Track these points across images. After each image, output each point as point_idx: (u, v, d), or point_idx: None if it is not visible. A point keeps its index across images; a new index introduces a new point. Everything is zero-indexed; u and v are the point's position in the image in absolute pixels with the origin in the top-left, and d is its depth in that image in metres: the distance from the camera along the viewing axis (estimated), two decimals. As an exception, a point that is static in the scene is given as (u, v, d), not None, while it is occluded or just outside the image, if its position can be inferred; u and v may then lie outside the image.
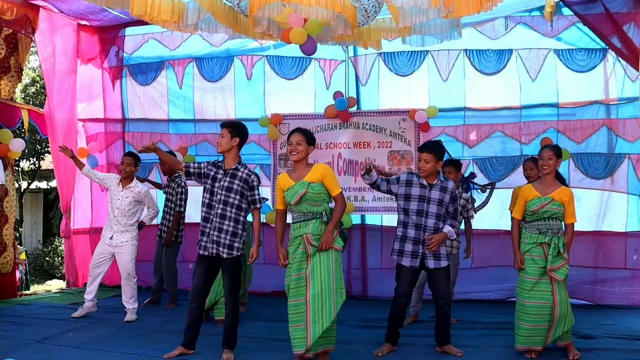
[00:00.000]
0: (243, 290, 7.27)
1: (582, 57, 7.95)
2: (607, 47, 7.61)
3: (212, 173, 5.24)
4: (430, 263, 5.34)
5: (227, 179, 5.18)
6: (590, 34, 7.63)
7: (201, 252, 5.21)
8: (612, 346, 5.62)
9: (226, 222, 5.14)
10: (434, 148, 5.45)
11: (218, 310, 6.57)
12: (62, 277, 11.29)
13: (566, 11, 7.56)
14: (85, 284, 8.95)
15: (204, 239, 5.18)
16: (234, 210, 5.15)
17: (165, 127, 9.31)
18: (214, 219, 5.15)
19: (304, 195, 4.97)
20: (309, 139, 5.11)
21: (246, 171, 5.23)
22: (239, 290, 5.40)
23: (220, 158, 5.36)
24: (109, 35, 9.10)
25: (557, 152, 5.38)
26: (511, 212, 6.69)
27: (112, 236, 6.84)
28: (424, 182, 5.37)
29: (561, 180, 5.50)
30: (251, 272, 7.45)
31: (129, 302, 6.85)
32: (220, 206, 5.14)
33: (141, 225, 7.07)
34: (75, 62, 8.86)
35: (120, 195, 6.84)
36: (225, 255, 5.13)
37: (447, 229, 5.39)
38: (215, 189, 5.19)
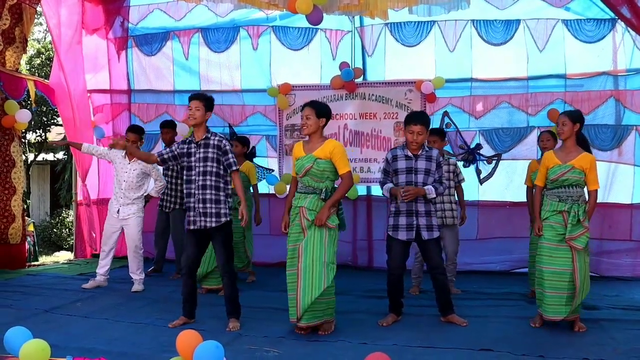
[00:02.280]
0: (247, 261, 7.34)
1: (590, 28, 7.86)
2: (616, 17, 7.51)
3: (185, 150, 5.34)
4: (425, 234, 5.37)
5: (201, 149, 5.28)
6: (599, 4, 7.52)
7: (191, 227, 5.31)
8: (617, 317, 5.66)
9: (208, 191, 5.24)
10: (426, 119, 5.44)
11: (208, 280, 6.68)
12: (69, 249, 11.39)
13: (575, -20, 7.47)
14: (93, 255, 9.11)
15: (191, 214, 5.28)
16: (213, 178, 5.26)
17: (171, 98, 9.29)
18: (196, 192, 5.26)
19: (309, 169, 5.05)
20: (319, 111, 5.14)
21: (217, 137, 5.34)
22: (233, 257, 5.51)
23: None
24: (114, 5, 9.03)
25: (572, 117, 5.29)
26: (526, 186, 6.74)
27: (118, 209, 6.88)
28: (409, 154, 5.38)
29: (584, 145, 5.36)
30: (251, 242, 7.48)
31: (136, 273, 6.91)
32: (200, 177, 5.25)
33: (148, 198, 7.10)
34: (80, 33, 8.81)
35: (128, 168, 6.86)
36: (214, 224, 5.24)
37: (427, 187, 5.39)
38: (193, 163, 5.29)
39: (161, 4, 8.93)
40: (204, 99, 5.36)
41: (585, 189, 5.30)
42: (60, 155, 14.82)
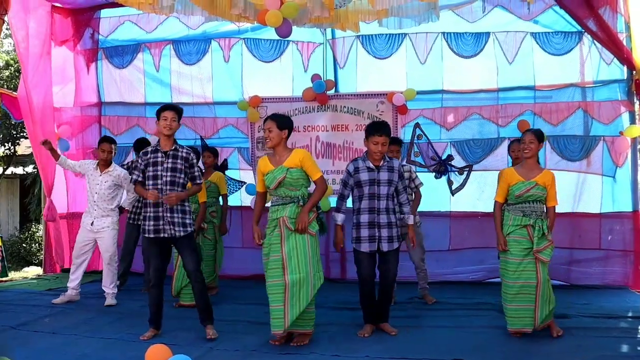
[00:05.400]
0: (215, 275, 7.29)
1: (558, 40, 7.98)
2: (583, 30, 7.67)
3: (151, 160, 5.35)
4: (385, 246, 5.40)
5: (170, 160, 5.32)
6: (567, 17, 7.68)
7: (152, 235, 5.31)
8: (586, 325, 5.72)
9: None
10: (389, 130, 5.47)
11: (184, 296, 6.65)
12: (39, 264, 11.21)
13: (543, -6, 7.59)
14: (62, 270, 8.96)
15: (160, 222, 5.28)
16: (180, 189, 5.33)
17: (142, 110, 9.21)
18: (164, 202, 5.25)
19: (282, 180, 5.06)
20: (280, 123, 5.17)
21: (185, 150, 5.43)
22: (200, 263, 5.56)
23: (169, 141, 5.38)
24: (84, 17, 8.95)
25: (539, 136, 5.41)
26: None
27: (92, 222, 6.80)
28: (371, 165, 5.39)
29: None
30: (222, 255, 7.44)
31: (109, 287, 6.83)
32: (168, 187, 5.29)
33: (121, 210, 7.03)
34: (49, 44, 8.69)
35: (99, 180, 6.80)
36: (182, 234, 5.29)
37: (410, 219, 5.56)
38: (159, 172, 5.31)
39: (132, 15, 8.86)
40: (178, 110, 5.44)
41: (544, 205, 5.42)
42: (29, 169, 14.60)
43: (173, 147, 5.36)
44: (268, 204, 5.34)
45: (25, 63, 8.38)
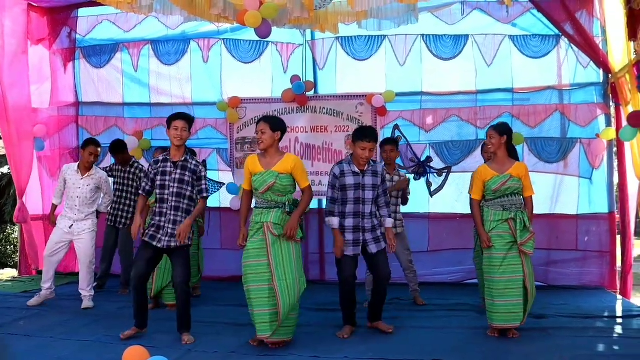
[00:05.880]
0: (199, 276, 7.26)
1: (536, 43, 8.05)
2: (560, 34, 7.74)
3: (161, 169, 5.29)
4: (372, 248, 5.40)
5: (179, 171, 5.26)
6: (544, 21, 7.74)
7: (150, 240, 5.23)
8: (563, 325, 5.78)
9: (179, 213, 5.25)
10: (376, 136, 5.50)
11: (167, 295, 6.59)
12: (14, 266, 11.06)
13: (521, -3, 7.67)
14: (38, 272, 8.85)
15: (160, 232, 5.22)
16: (186, 202, 5.28)
17: (120, 110, 9.12)
18: (168, 212, 5.23)
19: (272, 185, 5.03)
20: (273, 125, 5.14)
21: (194, 162, 5.35)
22: (190, 277, 5.48)
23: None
24: (61, 16, 8.84)
25: (500, 129, 5.47)
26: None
27: (71, 225, 6.70)
28: (356, 170, 5.38)
29: (514, 156, 5.58)
30: (203, 256, 7.41)
31: (86, 289, 6.73)
32: (174, 198, 5.22)
33: (97, 214, 6.93)
34: (25, 43, 8.56)
35: (81, 184, 6.72)
36: (177, 244, 5.22)
37: (389, 222, 5.56)
38: (167, 182, 5.25)
39: (110, 15, 8.77)
40: (189, 120, 5.35)
41: (522, 197, 5.47)
42: (5, 169, 14.38)
43: (183, 158, 5.30)
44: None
45: (1, 62, 8.25)
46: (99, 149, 6.87)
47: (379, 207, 5.56)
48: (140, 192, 5.42)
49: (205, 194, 5.38)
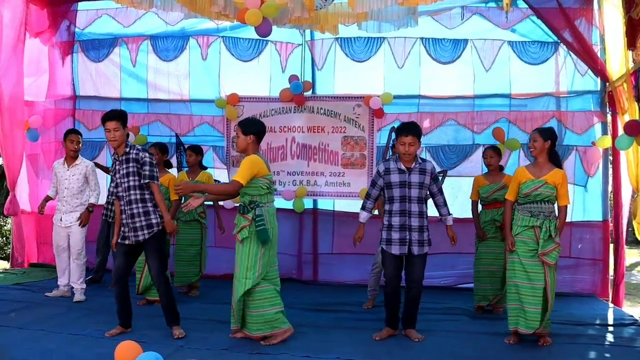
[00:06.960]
0: (199, 275, 7.25)
1: (534, 50, 8.07)
2: (559, 41, 7.76)
3: (116, 169, 5.35)
4: (415, 249, 5.32)
5: (124, 165, 5.28)
6: (543, 27, 7.76)
7: (126, 242, 5.29)
8: (556, 332, 5.75)
9: (134, 205, 5.25)
10: (417, 130, 5.31)
11: (153, 292, 6.56)
12: (6, 258, 11.01)
13: (521, 3, 7.66)
14: (30, 265, 8.86)
15: (125, 229, 5.28)
16: (137, 192, 5.26)
17: (117, 105, 9.00)
18: (125, 208, 5.27)
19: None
20: (244, 129, 5.15)
21: (134, 151, 5.31)
22: (166, 265, 5.54)
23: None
24: (60, 9, 8.80)
25: (544, 134, 5.35)
26: (472, 200, 6.83)
27: (61, 217, 6.73)
28: (402, 167, 5.31)
29: (556, 161, 5.42)
30: (205, 258, 7.39)
31: (77, 282, 6.73)
32: (126, 193, 5.26)
33: (91, 209, 6.85)
34: (23, 35, 8.53)
35: (68, 175, 6.72)
36: (146, 236, 5.23)
37: (449, 220, 5.57)
38: (119, 180, 5.31)
39: (110, 9, 8.76)
40: (120, 117, 5.33)
41: (555, 205, 5.36)
42: (-2, 161, 14.34)
43: (126, 151, 5.30)
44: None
45: (-2, 52, 8.24)
46: (80, 137, 6.85)
47: (437, 205, 5.53)
48: (111, 196, 5.47)
49: (147, 180, 5.24)
